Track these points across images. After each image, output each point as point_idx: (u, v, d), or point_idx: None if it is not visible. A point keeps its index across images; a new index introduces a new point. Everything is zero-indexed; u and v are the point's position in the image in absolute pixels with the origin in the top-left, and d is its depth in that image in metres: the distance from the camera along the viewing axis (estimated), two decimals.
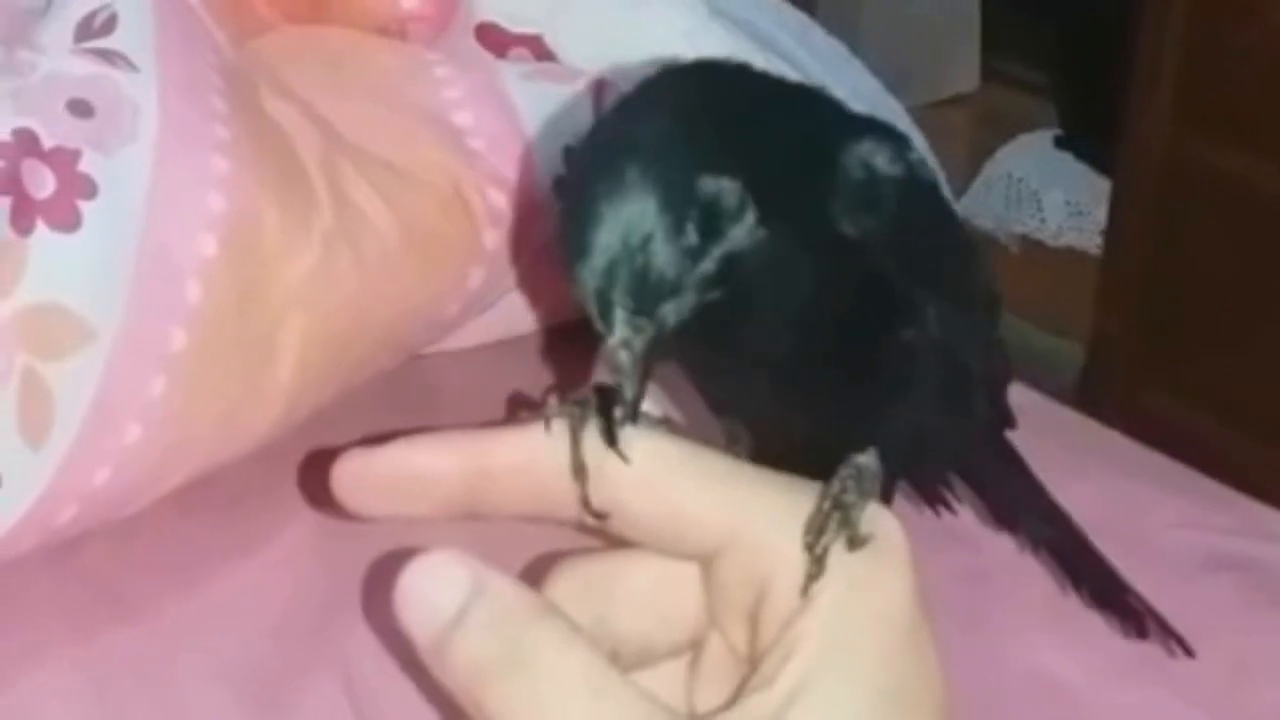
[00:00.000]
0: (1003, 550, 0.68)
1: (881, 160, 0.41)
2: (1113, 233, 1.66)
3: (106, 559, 0.65)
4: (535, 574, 0.35)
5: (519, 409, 0.38)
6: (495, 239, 0.74)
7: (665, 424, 0.35)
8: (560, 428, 0.34)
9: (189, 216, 0.64)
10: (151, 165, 0.64)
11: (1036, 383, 0.86)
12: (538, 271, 0.77)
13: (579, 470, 0.34)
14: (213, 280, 0.64)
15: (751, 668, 0.32)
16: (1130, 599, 0.61)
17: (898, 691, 0.31)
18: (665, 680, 0.34)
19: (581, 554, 0.35)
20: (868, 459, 0.37)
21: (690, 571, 0.34)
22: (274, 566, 0.66)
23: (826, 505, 0.33)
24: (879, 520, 0.33)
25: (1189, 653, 0.61)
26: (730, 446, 0.47)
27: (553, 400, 0.35)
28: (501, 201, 0.75)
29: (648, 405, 0.35)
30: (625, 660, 0.34)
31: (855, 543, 0.32)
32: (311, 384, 0.69)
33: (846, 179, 0.40)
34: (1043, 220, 1.98)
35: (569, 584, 0.34)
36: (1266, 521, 0.73)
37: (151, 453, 0.63)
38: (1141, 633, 0.61)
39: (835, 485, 0.34)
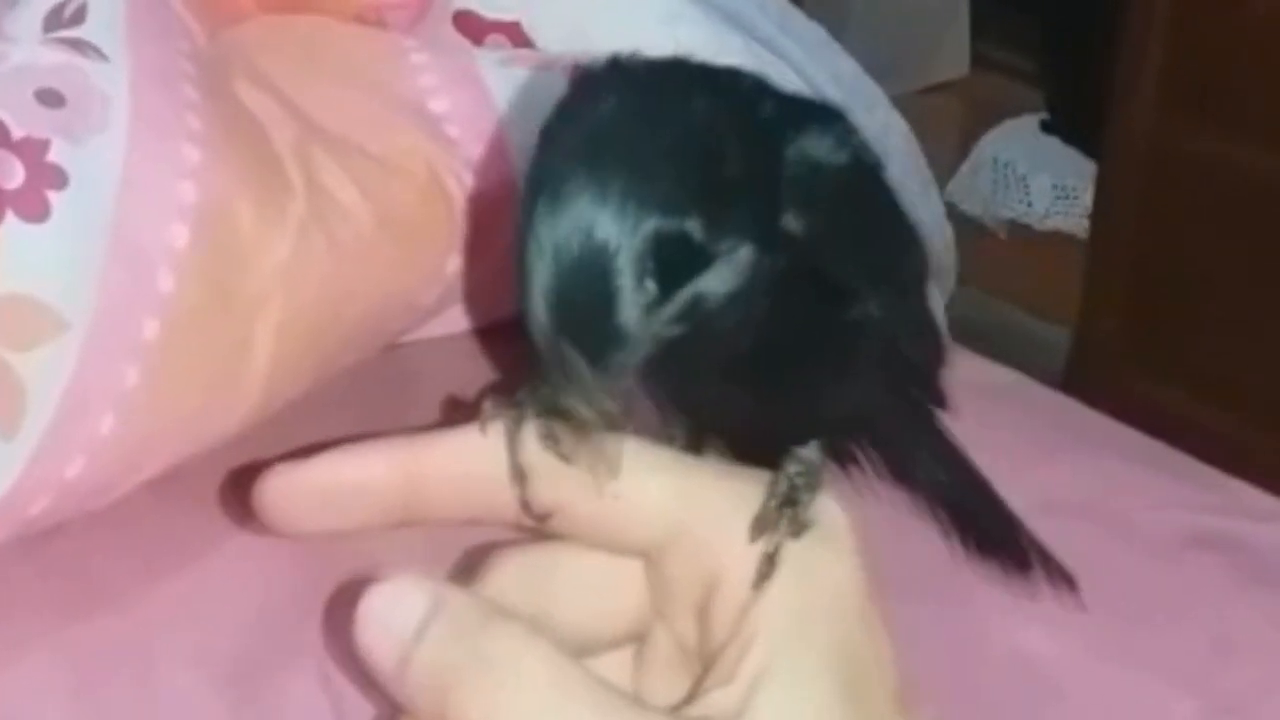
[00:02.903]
0: None
1: (825, 150, 0.40)
2: (1099, 217, 1.66)
3: (84, 548, 0.65)
4: (471, 566, 0.34)
5: (455, 412, 0.37)
6: None
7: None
8: (497, 431, 0.33)
9: (160, 206, 0.64)
10: (122, 155, 0.64)
11: (1024, 367, 0.86)
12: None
13: (518, 474, 0.33)
14: (185, 270, 0.64)
15: (704, 662, 0.32)
16: (1022, 539, 0.59)
17: (855, 673, 0.31)
18: (609, 673, 0.34)
19: (518, 545, 0.34)
20: (812, 452, 0.36)
21: (630, 562, 0.34)
22: (252, 555, 0.65)
23: (775, 503, 0.32)
24: (823, 507, 0.33)
25: (1073, 588, 0.59)
26: (665, 431, 0.46)
27: (488, 403, 0.34)
28: (478, 188, 0.75)
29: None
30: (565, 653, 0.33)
31: (799, 531, 0.32)
32: (288, 372, 0.68)
33: (790, 176, 0.39)
34: (1030, 204, 1.98)
35: (506, 577, 0.34)
36: (1250, 501, 0.73)
37: (125, 443, 0.63)
38: (1024, 569, 0.58)
39: (783, 483, 0.33)
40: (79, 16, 0.67)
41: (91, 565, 0.64)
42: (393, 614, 0.31)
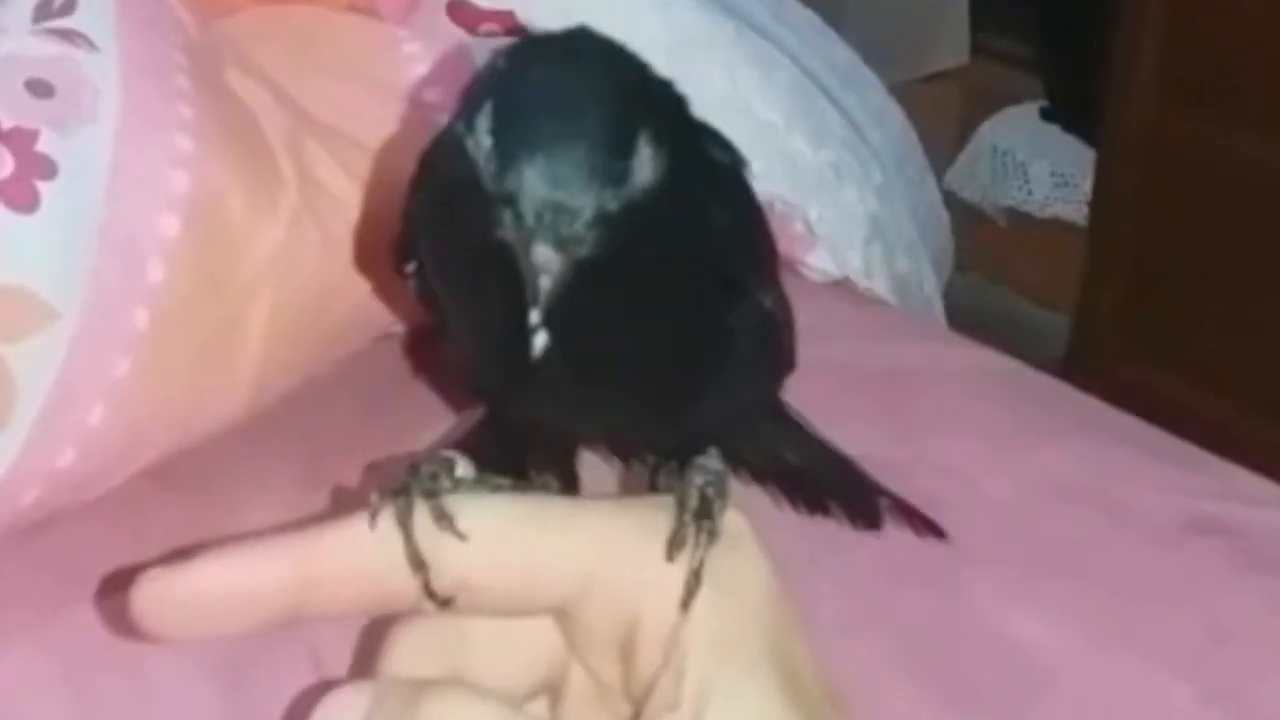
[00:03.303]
0: (979, 520, 0.68)
1: (717, 150, 0.47)
2: (1098, 205, 1.65)
3: (75, 542, 0.65)
4: (381, 630, 0.33)
5: (340, 504, 0.36)
6: None
7: (485, 483, 0.34)
8: (387, 521, 0.32)
9: (151, 196, 0.64)
10: (112, 145, 0.64)
11: (1023, 354, 0.86)
12: None
13: (416, 561, 0.31)
14: (176, 260, 0.64)
15: (634, 698, 0.31)
16: (873, 496, 0.64)
17: (791, 672, 0.31)
18: None
19: (421, 614, 0.33)
20: (714, 461, 0.36)
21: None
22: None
23: (689, 517, 0.32)
24: (725, 513, 0.32)
25: (940, 535, 0.65)
26: (540, 480, 0.49)
27: (374, 494, 0.32)
28: None
29: (462, 468, 0.34)
30: None
31: (714, 539, 0.32)
32: (280, 362, 0.68)
33: (708, 176, 0.44)
34: (1029, 192, 1.97)
35: (418, 638, 0.32)
36: (1246, 486, 0.73)
37: (116, 433, 0.63)
38: (874, 523, 0.65)
39: (694, 497, 0.33)
40: (69, 6, 0.67)
41: (83, 558, 0.64)
42: (340, 716, 0.30)
